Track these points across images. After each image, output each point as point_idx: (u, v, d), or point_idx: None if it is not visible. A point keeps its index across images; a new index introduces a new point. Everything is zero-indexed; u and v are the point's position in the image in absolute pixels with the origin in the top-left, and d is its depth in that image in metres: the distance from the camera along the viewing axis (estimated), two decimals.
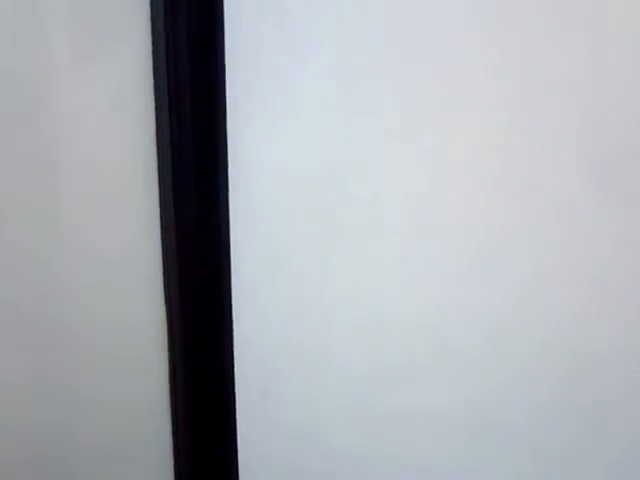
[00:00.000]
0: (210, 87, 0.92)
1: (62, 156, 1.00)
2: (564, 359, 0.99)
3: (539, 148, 0.93)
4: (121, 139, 0.99)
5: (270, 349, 1.02)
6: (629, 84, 0.90)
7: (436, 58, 0.92)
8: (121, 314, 1.04)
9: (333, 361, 1.02)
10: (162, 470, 1.08)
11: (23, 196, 1.01)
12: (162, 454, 1.07)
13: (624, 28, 0.89)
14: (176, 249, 0.96)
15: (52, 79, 0.97)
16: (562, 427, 1.01)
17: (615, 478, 1.02)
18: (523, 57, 0.91)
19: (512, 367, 1.00)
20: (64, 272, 1.03)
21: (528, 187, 0.95)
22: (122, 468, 1.10)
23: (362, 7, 0.91)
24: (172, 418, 1.05)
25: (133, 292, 1.03)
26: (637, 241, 0.95)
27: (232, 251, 0.96)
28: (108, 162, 1.00)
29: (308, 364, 1.02)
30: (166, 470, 1.08)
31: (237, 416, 1.02)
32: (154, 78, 0.93)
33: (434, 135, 0.95)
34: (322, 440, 1.05)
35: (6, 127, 0.99)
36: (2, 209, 1.01)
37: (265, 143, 0.95)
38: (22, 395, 1.07)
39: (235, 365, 0.99)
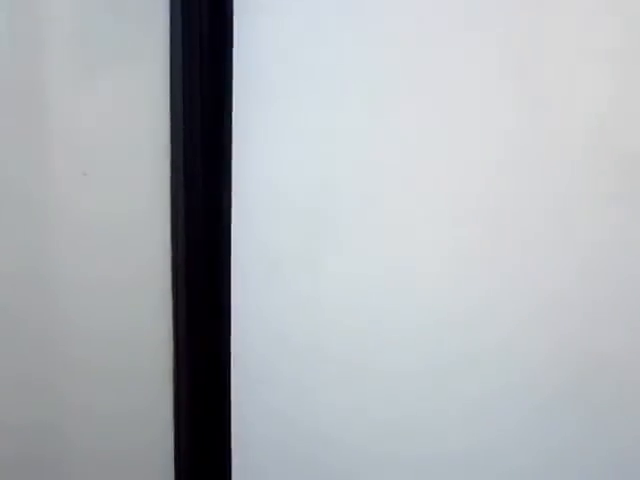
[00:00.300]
0: (219, 103, 0.96)
1: (74, 164, 1.02)
2: (567, 359, 0.99)
3: (547, 148, 0.95)
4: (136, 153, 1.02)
5: (266, 346, 1.04)
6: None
7: (436, 65, 0.95)
8: (127, 318, 1.06)
9: (328, 354, 1.04)
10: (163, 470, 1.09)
11: (27, 193, 1.02)
12: (163, 455, 1.08)
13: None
14: (185, 248, 0.99)
15: (66, 89, 0.99)
16: (563, 427, 1.01)
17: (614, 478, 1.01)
18: (526, 56, 0.93)
19: (512, 367, 1.01)
20: (72, 272, 1.05)
21: (532, 187, 0.96)
22: (122, 469, 1.11)
23: (359, 22, 0.94)
24: (175, 419, 1.06)
25: (142, 294, 1.05)
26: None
27: (232, 253, 0.99)
28: (120, 172, 1.02)
29: (304, 358, 1.04)
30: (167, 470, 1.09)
31: (232, 413, 1.03)
32: (170, 103, 0.97)
33: (429, 145, 0.97)
34: (320, 433, 1.07)
35: (16, 131, 1.01)
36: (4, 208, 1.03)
37: (264, 156, 0.99)
38: (20, 396, 1.07)
39: (232, 361, 1.01)
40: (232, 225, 0.98)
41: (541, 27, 0.92)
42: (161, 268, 1.02)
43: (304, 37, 0.95)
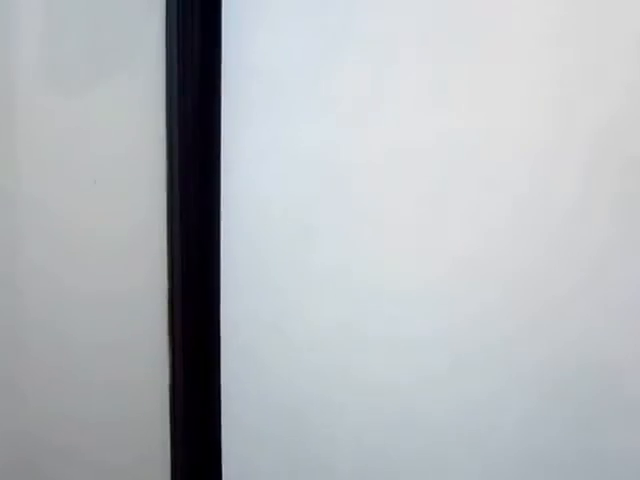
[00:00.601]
0: (210, 122, 0.99)
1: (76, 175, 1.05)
2: (564, 364, 0.99)
3: (553, 150, 0.94)
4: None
5: (255, 342, 1.06)
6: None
7: (431, 69, 0.95)
8: (125, 322, 1.08)
9: (322, 352, 1.06)
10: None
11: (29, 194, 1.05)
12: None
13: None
14: (180, 243, 1.02)
15: (64, 93, 1.02)
16: (558, 431, 1.01)
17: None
18: (532, 56, 0.93)
19: (511, 369, 1.00)
20: (72, 280, 1.08)
21: (536, 189, 0.95)
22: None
23: (343, 41, 0.96)
24: (170, 415, 1.08)
25: (139, 303, 1.08)
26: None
27: (222, 256, 1.02)
28: (119, 184, 1.05)
29: (296, 357, 1.06)
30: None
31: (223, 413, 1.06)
32: (166, 122, 1.00)
33: (422, 149, 0.98)
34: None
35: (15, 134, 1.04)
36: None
37: (252, 170, 1.02)
38: (18, 405, 1.10)
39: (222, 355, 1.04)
40: (222, 231, 1.01)
41: (550, 30, 0.92)
42: (159, 279, 1.04)
43: (288, 57, 0.98)
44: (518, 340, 0.99)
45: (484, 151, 0.96)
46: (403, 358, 1.03)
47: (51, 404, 1.10)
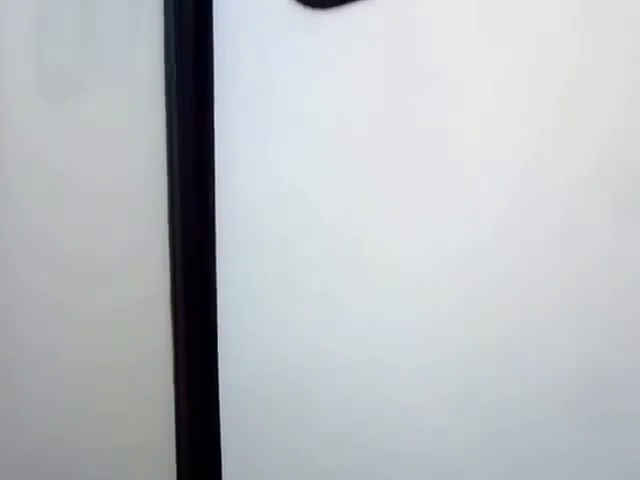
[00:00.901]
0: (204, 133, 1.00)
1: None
2: (562, 368, 0.99)
3: (552, 161, 0.94)
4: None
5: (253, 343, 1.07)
6: None
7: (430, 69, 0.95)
8: (126, 317, 1.08)
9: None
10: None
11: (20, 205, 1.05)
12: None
13: None
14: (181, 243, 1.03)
15: (57, 98, 1.02)
16: (557, 438, 1.01)
17: None
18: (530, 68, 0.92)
19: (509, 373, 1.00)
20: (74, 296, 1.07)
21: (534, 200, 0.95)
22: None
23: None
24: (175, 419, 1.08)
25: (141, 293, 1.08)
26: None
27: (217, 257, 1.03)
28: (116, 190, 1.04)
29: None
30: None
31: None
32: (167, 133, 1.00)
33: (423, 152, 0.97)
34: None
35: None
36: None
37: (246, 173, 1.02)
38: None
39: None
40: (217, 232, 1.02)
41: (561, 29, 0.90)
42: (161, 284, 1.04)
43: (281, 61, 0.97)
44: (520, 343, 0.99)
45: (483, 151, 0.95)
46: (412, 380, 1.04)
47: (52, 410, 1.11)
